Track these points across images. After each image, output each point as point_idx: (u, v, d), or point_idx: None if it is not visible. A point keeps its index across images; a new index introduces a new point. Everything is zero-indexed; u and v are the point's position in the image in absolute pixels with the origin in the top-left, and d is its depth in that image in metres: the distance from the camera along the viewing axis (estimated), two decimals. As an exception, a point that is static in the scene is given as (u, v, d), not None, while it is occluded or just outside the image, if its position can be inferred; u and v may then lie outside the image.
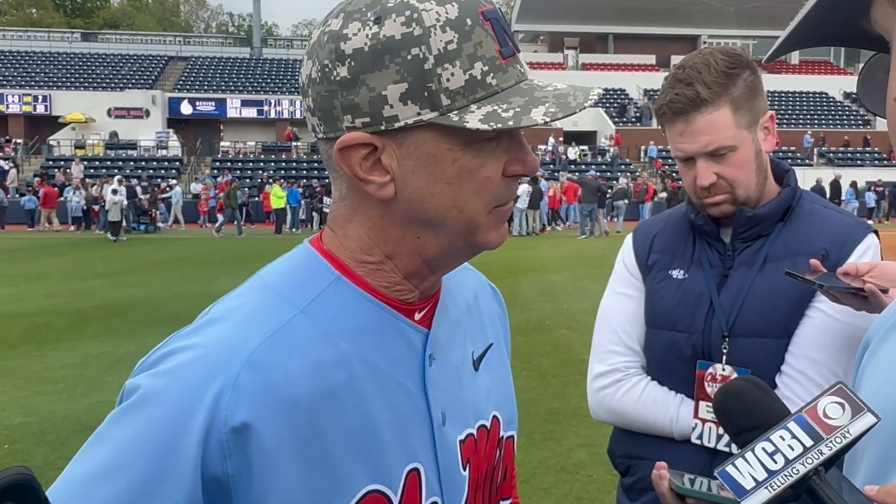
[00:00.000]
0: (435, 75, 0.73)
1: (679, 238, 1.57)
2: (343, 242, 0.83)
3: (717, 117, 1.40)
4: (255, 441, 0.71)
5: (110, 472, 0.70)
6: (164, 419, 0.71)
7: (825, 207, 1.53)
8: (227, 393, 0.71)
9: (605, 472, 4.24)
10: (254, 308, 0.78)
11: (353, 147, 0.76)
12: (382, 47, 0.73)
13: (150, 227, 25.53)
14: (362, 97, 0.74)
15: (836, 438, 0.68)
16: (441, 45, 0.73)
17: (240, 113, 39.14)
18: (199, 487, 0.70)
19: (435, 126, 0.74)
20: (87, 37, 49.01)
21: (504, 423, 0.95)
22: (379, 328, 0.81)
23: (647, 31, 46.49)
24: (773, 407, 0.75)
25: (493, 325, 0.99)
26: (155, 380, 0.73)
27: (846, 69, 48.27)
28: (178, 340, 0.77)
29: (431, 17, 0.73)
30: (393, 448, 0.79)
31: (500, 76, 0.75)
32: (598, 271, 12.37)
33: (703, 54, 1.43)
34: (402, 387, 0.81)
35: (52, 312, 9.71)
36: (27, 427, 5.19)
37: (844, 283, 1.25)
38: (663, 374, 1.52)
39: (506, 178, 0.79)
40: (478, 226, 0.79)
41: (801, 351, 1.40)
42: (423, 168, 0.76)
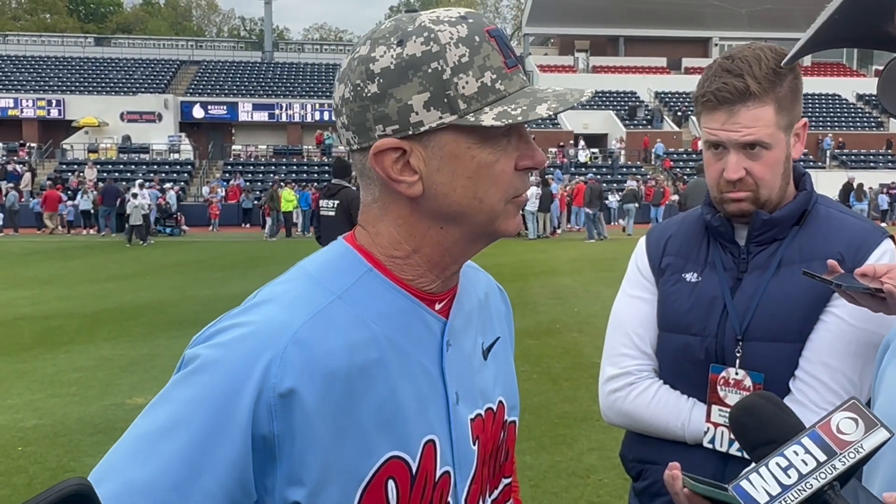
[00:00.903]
0: (452, 84, 0.85)
1: (693, 241, 1.56)
2: (374, 239, 0.93)
3: (762, 113, 1.38)
4: (298, 406, 0.81)
5: (172, 428, 0.80)
6: (221, 384, 0.81)
7: (841, 212, 1.51)
8: (275, 364, 0.81)
9: (616, 476, 4.22)
10: (297, 292, 0.88)
11: (385, 151, 0.87)
12: (406, 64, 0.85)
13: (175, 230, 25.68)
14: (391, 108, 0.86)
15: (850, 453, 0.69)
16: (456, 58, 0.85)
17: (251, 117, 39.31)
18: (249, 444, 0.80)
19: (455, 127, 0.86)
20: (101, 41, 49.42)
21: (508, 409, 1.05)
22: (404, 314, 0.91)
23: (658, 33, 46.37)
24: (787, 422, 0.76)
25: (500, 322, 1.10)
26: (212, 350, 0.83)
27: (859, 71, 47.96)
28: (230, 318, 0.87)
29: (446, 36, 0.85)
30: (413, 420, 0.88)
31: (507, 83, 0.87)
32: (609, 274, 12.32)
33: (753, 49, 1.41)
34: (422, 367, 0.91)
35: (65, 315, 9.77)
36: (41, 429, 5.23)
37: (862, 284, 1.24)
38: (676, 378, 1.52)
39: (518, 172, 0.90)
40: (497, 215, 0.90)
41: (816, 356, 1.38)
42: (446, 166, 0.87)
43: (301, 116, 39.26)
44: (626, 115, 38.75)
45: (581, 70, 43.99)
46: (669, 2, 43.52)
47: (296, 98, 40.05)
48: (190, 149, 35.63)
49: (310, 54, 50.95)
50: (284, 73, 43.92)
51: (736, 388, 1.43)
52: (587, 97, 0.88)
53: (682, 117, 39.00)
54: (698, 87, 1.45)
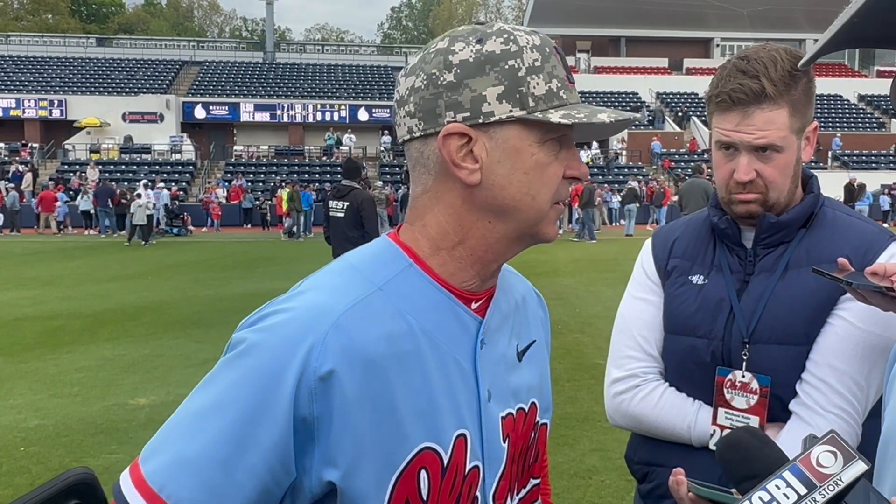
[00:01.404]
0: (525, 82, 0.92)
1: (699, 243, 1.55)
2: (421, 232, 0.97)
3: (776, 116, 1.38)
4: (338, 389, 0.84)
5: (220, 406, 0.84)
6: (266, 366, 0.85)
7: (848, 215, 1.51)
8: (316, 348, 0.85)
9: (618, 477, 4.22)
10: (340, 282, 0.93)
11: (452, 136, 0.92)
12: (485, 59, 0.92)
13: (182, 231, 25.72)
14: (465, 97, 0.92)
15: (829, 486, 0.73)
16: (531, 60, 0.92)
17: (253, 117, 39.34)
18: (291, 425, 0.84)
19: (521, 123, 0.92)
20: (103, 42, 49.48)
21: (540, 410, 1.08)
22: (441, 310, 0.95)
23: (660, 34, 46.36)
24: (769, 456, 0.81)
25: (537, 326, 1.13)
26: (258, 334, 0.87)
27: (861, 72, 47.91)
28: (276, 304, 0.91)
29: (523, 40, 0.93)
30: (446, 413, 0.91)
31: (567, 94, 0.95)
32: (611, 275, 12.33)
33: (769, 50, 1.40)
34: (456, 362, 0.94)
35: (67, 315, 9.78)
36: (43, 430, 5.23)
37: (873, 283, 1.24)
38: (681, 380, 1.51)
39: (563, 180, 0.96)
40: (543, 215, 0.95)
41: (823, 359, 1.38)
42: (507, 159, 0.92)
43: (303, 117, 39.28)
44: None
45: (582, 70, 43.99)
46: (671, 2, 43.48)
47: (297, 98, 40.07)
48: (192, 149, 35.66)
49: (311, 55, 50.98)
50: (286, 74, 43.94)
51: (743, 390, 1.42)
52: (637, 117, 0.97)
53: (683, 118, 38.97)
54: (711, 87, 1.43)
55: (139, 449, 0.86)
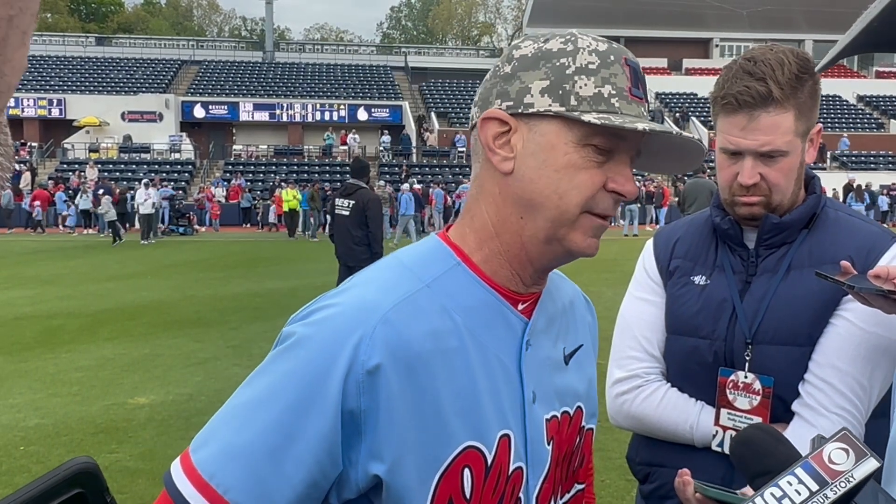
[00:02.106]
0: (571, 80, 0.90)
1: (701, 243, 1.55)
2: (469, 225, 0.98)
3: (782, 119, 1.37)
4: (384, 383, 0.85)
5: (269, 398, 0.85)
6: (315, 358, 0.86)
7: (850, 215, 1.51)
8: (365, 342, 0.85)
9: (617, 477, 4.22)
10: (389, 278, 0.93)
11: (492, 121, 0.93)
12: (542, 55, 0.93)
13: (187, 230, 25.72)
14: (514, 87, 0.93)
15: (841, 483, 0.73)
16: (584, 62, 0.91)
17: (252, 116, 39.31)
18: (339, 417, 0.84)
19: (560, 120, 0.90)
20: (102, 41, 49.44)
21: (587, 415, 1.07)
22: (487, 310, 0.95)
23: (659, 34, 46.38)
24: (782, 453, 0.81)
25: (584, 331, 1.12)
26: (307, 328, 0.88)
27: (860, 72, 47.94)
28: (326, 300, 0.92)
29: (584, 43, 0.93)
30: (490, 413, 0.91)
31: (623, 104, 0.91)
32: (611, 275, 12.32)
33: (775, 52, 1.39)
34: (500, 362, 0.94)
35: (66, 315, 9.78)
36: (42, 429, 5.23)
37: (875, 286, 1.24)
38: (684, 381, 1.51)
39: (606, 192, 0.92)
40: (569, 219, 0.92)
41: (826, 359, 1.38)
42: (540, 152, 0.91)
43: (302, 116, 39.26)
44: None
45: (582, 71, 43.86)
46: (670, 2, 43.51)
47: (297, 98, 40.05)
48: (191, 148, 35.64)
49: (311, 54, 50.97)
50: (285, 74, 43.92)
51: (745, 391, 1.42)
52: (685, 136, 0.93)
53: (682, 118, 38.99)
54: (717, 87, 1.42)
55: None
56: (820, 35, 44.35)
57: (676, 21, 45.73)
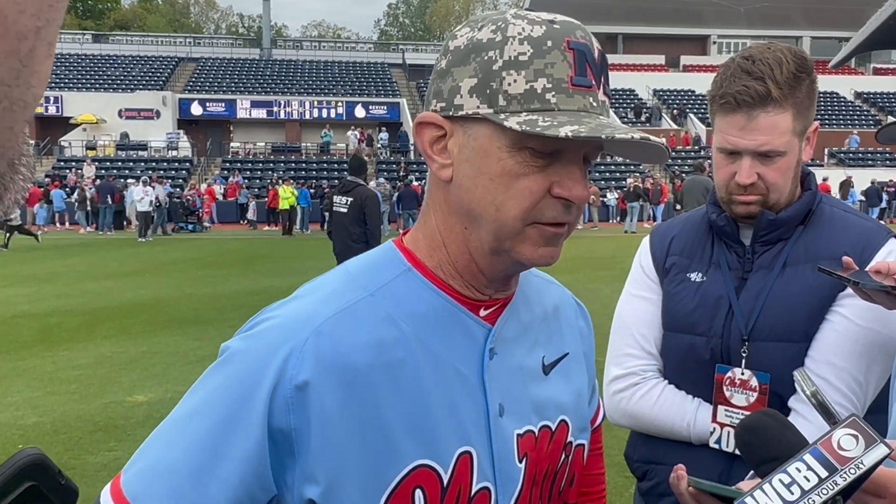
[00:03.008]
0: (499, 77, 0.81)
1: (697, 240, 1.55)
2: (421, 230, 0.91)
3: (780, 119, 1.37)
4: (316, 400, 0.80)
5: (197, 415, 0.82)
6: (243, 373, 0.82)
7: (845, 211, 1.51)
8: (294, 355, 0.81)
9: (616, 474, 4.23)
10: (331, 289, 0.88)
11: (427, 125, 0.86)
12: (473, 47, 0.83)
13: (197, 227, 25.71)
14: (447, 86, 0.85)
15: (851, 469, 0.72)
16: (513, 53, 0.81)
17: (249, 114, 39.25)
18: (265, 435, 0.79)
19: (491, 123, 0.82)
20: (98, 38, 49.30)
21: (574, 430, 0.99)
22: (440, 316, 0.88)
23: (657, 31, 46.37)
24: (790, 438, 0.79)
25: (574, 338, 1.04)
26: (241, 342, 0.85)
27: (857, 69, 47.95)
28: (266, 312, 0.88)
29: (515, 30, 0.82)
30: (446, 429, 0.84)
31: (562, 98, 0.80)
32: (609, 272, 12.33)
33: (773, 50, 1.39)
34: (458, 374, 0.87)
35: (64, 313, 9.76)
36: (41, 427, 5.22)
37: (877, 281, 1.24)
38: (681, 378, 1.51)
39: (552, 198, 0.82)
40: (511, 232, 0.83)
41: (822, 356, 1.38)
42: (475, 158, 0.83)
43: (300, 114, 39.20)
44: (631, 114, 38.63)
45: (580, 68, 43.85)
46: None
47: (294, 95, 39.99)
48: (188, 146, 35.57)
49: (308, 51, 50.86)
50: (283, 71, 43.86)
51: (742, 388, 1.43)
52: (625, 136, 0.78)
53: (680, 115, 39.00)
54: (715, 86, 1.42)
55: (138, 446, 0.87)
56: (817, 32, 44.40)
57: (674, 18, 45.72)
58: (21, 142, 0.38)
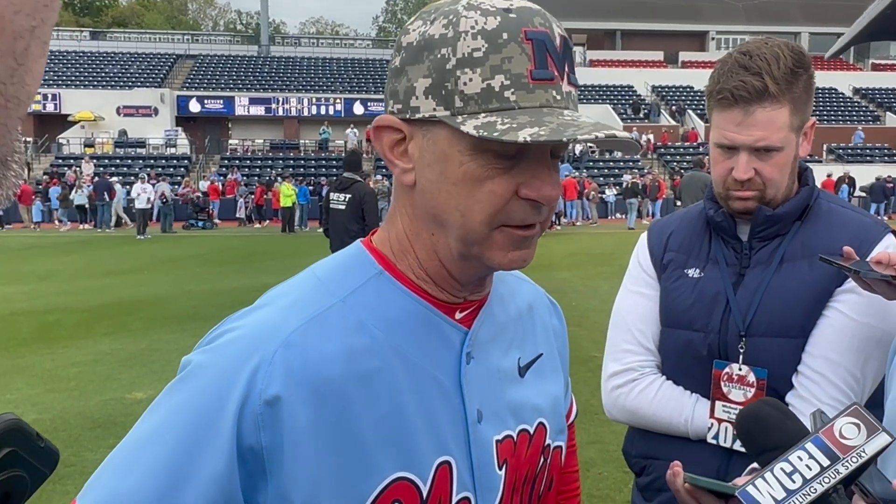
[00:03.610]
0: (453, 76, 0.76)
1: (695, 236, 1.56)
2: (389, 233, 0.87)
3: (777, 115, 1.37)
4: (287, 415, 0.75)
5: (156, 437, 0.76)
6: (207, 390, 0.77)
7: (843, 207, 1.51)
8: (263, 369, 0.76)
9: (615, 469, 4.24)
10: (298, 296, 0.83)
11: (384, 129, 0.82)
12: (425, 44, 0.78)
13: (207, 224, 25.71)
14: (402, 86, 0.80)
15: (853, 458, 0.71)
16: (467, 50, 0.76)
17: (248, 111, 39.20)
18: (234, 455, 0.75)
19: (448, 125, 0.77)
20: (96, 35, 49.15)
21: (552, 432, 0.96)
22: (416, 322, 0.84)
23: (655, 27, 46.33)
24: (791, 427, 0.79)
25: (548, 338, 1.00)
26: (203, 356, 0.80)
27: (856, 65, 47.92)
28: (229, 323, 0.83)
29: (467, 24, 0.76)
30: (423, 439, 0.81)
31: (522, 94, 0.76)
32: (608, 269, 12.33)
33: (770, 46, 1.38)
34: (435, 381, 0.83)
35: (63, 310, 9.76)
36: (40, 424, 5.22)
37: (879, 272, 1.25)
38: (679, 374, 1.52)
39: (521, 200, 0.78)
40: (478, 238, 0.79)
41: (819, 351, 1.39)
42: (436, 163, 0.79)
43: (298, 111, 39.16)
44: (630, 111, 38.60)
45: (578, 64, 43.90)
46: (667, -5, 43.50)
47: (292, 92, 39.95)
48: (186, 143, 35.54)
49: (306, 48, 50.76)
50: (281, 68, 43.80)
51: (739, 383, 1.43)
52: (589, 136, 0.73)
53: (678, 111, 38.99)
54: (712, 81, 1.42)
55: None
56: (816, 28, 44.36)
57: (672, 14, 45.70)
58: (13, 139, 0.38)
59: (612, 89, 41.58)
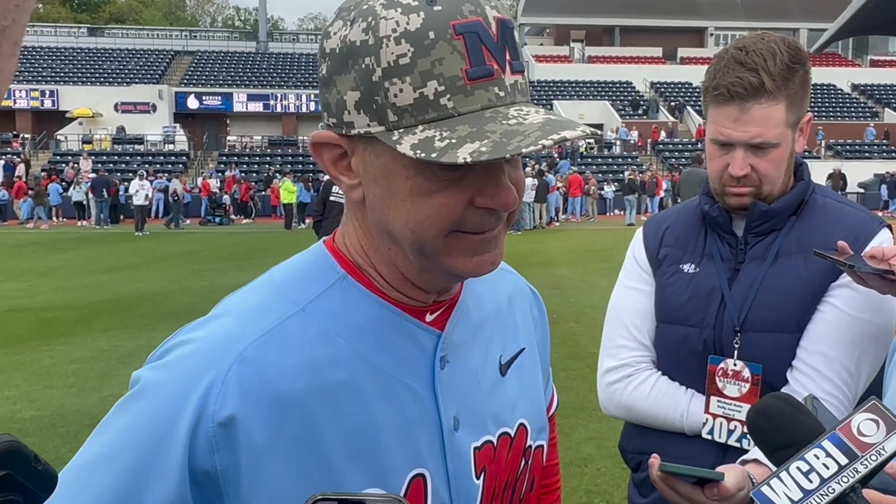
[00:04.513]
0: (382, 88, 0.69)
1: (690, 232, 1.56)
2: (345, 240, 0.82)
3: (773, 111, 1.36)
4: (244, 436, 0.71)
5: (106, 459, 0.72)
6: (157, 410, 0.72)
7: (838, 202, 1.52)
8: (216, 387, 0.72)
9: (613, 465, 4.25)
10: (255, 304, 0.79)
11: (323, 145, 0.77)
12: (347, 51, 0.71)
13: (224, 220, 25.70)
14: (332, 98, 0.75)
15: (872, 456, 0.68)
16: (392, 57, 0.69)
17: (246, 107, 39.17)
18: (186, 480, 0.71)
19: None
20: (94, 32, 49.11)
21: (533, 432, 0.91)
22: (383, 328, 0.79)
23: (654, 23, 46.28)
24: (806, 423, 0.75)
25: (528, 330, 0.96)
26: (153, 372, 0.76)
27: (854, 61, 47.92)
28: (182, 334, 0.79)
29: (388, 27, 0.69)
30: (395, 452, 0.77)
31: (460, 98, 0.69)
32: (606, 265, 12.33)
33: (767, 41, 1.37)
34: (408, 389, 0.79)
35: (61, 307, 9.75)
36: (38, 421, 5.23)
37: (873, 266, 1.25)
38: (674, 369, 1.52)
39: (476, 209, 0.72)
40: (433, 251, 0.74)
41: (813, 346, 1.39)
42: (381, 179, 0.73)
43: (296, 107, 39.14)
44: (628, 107, 38.57)
45: (577, 60, 43.91)
46: (665, -9, 43.47)
47: (291, 88, 39.91)
48: (185, 139, 35.50)
49: (304, 44, 50.72)
50: (279, 64, 43.74)
51: (734, 379, 1.44)
52: (538, 146, 0.65)
53: (677, 107, 38.97)
54: (708, 77, 1.41)
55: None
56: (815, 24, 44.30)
57: (671, 10, 45.65)
58: None
59: (611, 86, 41.55)
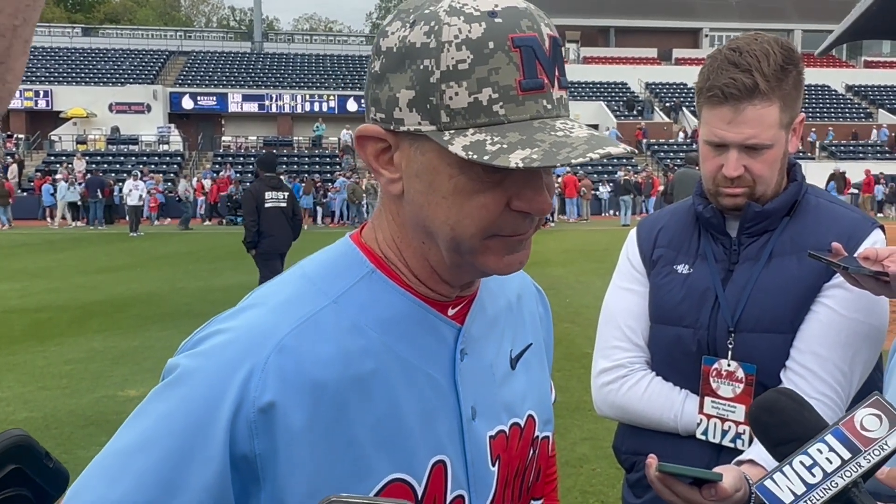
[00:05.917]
0: (438, 90, 0.73)
1: (684, 232, 1.56)
2: (377, 235, 0.85)
3: (767, 112, 1.37)
4: (282, 422, 0.74)
5: (145, 445, 0.74)
6: (197, 397, 0.74)
7: (831, 202, 1.52)
8: (256, 375, 0.74)
9: (608, 465, 4.25)
10: (289, 296, 0.81)
11: (368, 138, 0.79)
12: (406, 51, 0.75)
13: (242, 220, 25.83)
14: (384, 94, 0.77)
15: (875, 451, 0.69)
16: (452, 62, 0.72)
17: (241, 107, 39.09)
18: (227, 464, 0.73)
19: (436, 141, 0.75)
20: (88, 32, 48.95)
21: (540, 423, 0.96)
22: (409, 320, 0.83)
23: (649, 24, 46.37)
24: (808, 419, 0.76)
25: (535, 327, 1.00)
26: (192, 360, 0.77)
27: (849, 62, 48.09)
28: (217, 324, 0.80)
29: (450, 33, 0.73)
30: (419, 439, 0.81)
31: (511, 107, 0.73)
32: (601, 265, 12.35)
33: (760, 42, 1.38)
34: (430, 379, 0.83)
35: (55, 307, 9.73)
36: (32, 422, 5.21)
37: (866, 268, 1.25)
38: (668, 370, 1.52)
39: (512, 212, 0.76)
40: (469, 249, 0.78)
41: (807, 346, 1.39)
42: (425, 175, 0.77)
43: (291, 107, 39.07)
44: (623, 108, 38.61)
45: (572, 61, 43.93)
46: (660, -8, 43.56)
47: (286, 89, 39.84)
48: (179, 140, 35.42)
49: (299, 45, 50.63)
50: (274, 64, 43.67)
51: (728, 379, 1.44)
52: (585, 158, 0.70)
53: (672, 108, 39.05)
54: (702, 78, 1.41)
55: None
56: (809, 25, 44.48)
57: (666, 11, 45.75)
58: None
59: (606, 86, 41.61)
